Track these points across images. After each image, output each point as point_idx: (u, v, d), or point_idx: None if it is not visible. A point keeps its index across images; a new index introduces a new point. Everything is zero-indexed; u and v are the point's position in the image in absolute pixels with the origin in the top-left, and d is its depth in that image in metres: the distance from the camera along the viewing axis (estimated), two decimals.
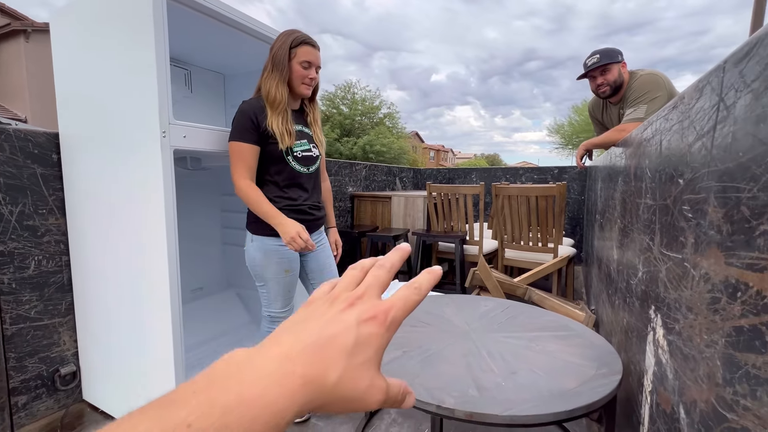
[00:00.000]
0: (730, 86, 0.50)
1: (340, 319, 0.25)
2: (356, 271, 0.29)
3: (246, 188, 1.27)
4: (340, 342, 0.23)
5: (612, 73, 1.89)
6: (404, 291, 0.27)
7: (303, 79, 1.32)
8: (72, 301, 1.54)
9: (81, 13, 1.32)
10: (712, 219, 0.53)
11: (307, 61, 1.31)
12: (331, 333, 0.24)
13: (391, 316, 0.25)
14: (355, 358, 0.23)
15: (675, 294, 0.67)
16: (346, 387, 0.23)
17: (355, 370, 0.23)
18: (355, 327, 0.24)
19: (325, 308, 0.26)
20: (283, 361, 0.22)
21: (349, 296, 0.26)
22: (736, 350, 0.43)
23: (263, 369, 0.21)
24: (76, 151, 1.42)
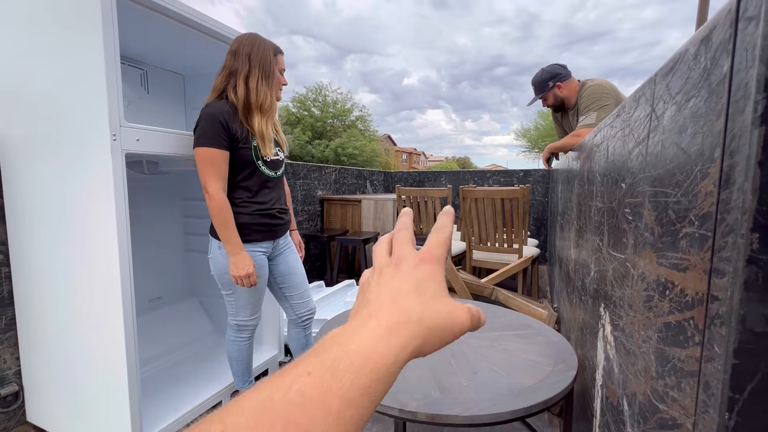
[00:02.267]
0: (660, 97, 0.54)
1: (395, 275, 0.28)
2: (384, 245, 0.33)
3: (220, 204, 1.22)
4: (405, 289, 0.27)
5: (548, 99, 2.15)
6: (433, 235, 0.31)
7: (279, 86, 1.38)
8: (13, 316, 1.42)
9: (23, 7, 1.24)
10: (647, 221, 0.56)
11: (282, 69, 1.38)
12: (394, 287, 0.27)
13: (435, 253, 0.29)
14: (424, 294, 0.27)
15: (620, 292, 0.71)
16: (431, 318, 0.26)
17: (431, 302, 0.26)
18: (410, 273, 0.28)
19: (378, 277, 0.29)
20: (367, 320, 0.25)
21: (392, 260, 0.30)
22: (665, 345, 0.46)
23: (355, 330, 0.24)
24: (16, 153, 1.32)
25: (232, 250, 1.25)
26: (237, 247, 1.25)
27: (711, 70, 0.38)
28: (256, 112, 1.27)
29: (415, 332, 0.25)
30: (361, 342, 0.23)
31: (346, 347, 0.23)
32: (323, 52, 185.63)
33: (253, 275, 1.27)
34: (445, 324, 0.26)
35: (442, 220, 0.33)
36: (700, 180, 0.39)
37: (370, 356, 0.22)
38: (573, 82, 2.05)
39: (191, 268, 2.16)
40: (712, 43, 0.38)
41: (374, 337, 0.23)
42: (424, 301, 0.26)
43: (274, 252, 1.43)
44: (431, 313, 0.26)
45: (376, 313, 0.25)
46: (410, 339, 0.24)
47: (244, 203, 1.30)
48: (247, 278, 1.26)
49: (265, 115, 1.29)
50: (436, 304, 0.26)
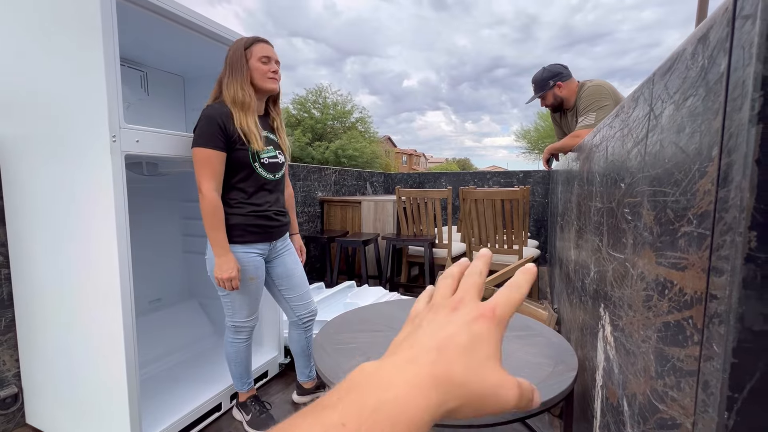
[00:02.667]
0: (658, 97, 0.54)
1: (450, 320, 0.26)
2: (449, 280, 0.31)
3: (212, 204, 1.22)
4: (456, 341, 0.24)
5: (547, 99, 2.14)
6: (505, 290, 0.28)
7: (266, 74, 1.31)
8: (13, 318, 1.42)
9: (23, 8, 1.24)
10: (645, 221, 0.56)
11: (264, 56, 1.31)
12: (445, 334, 0.25)
13: (498, 313, 0.26)
14: (474, 354, 0.24)
15: (619, 292, 0.71)
16: (475, 383, 0.23)
17: (479, 367, 0.24)
18: (466, 326, 0.25)
19: (432, 315, 0.27)
20: (409, 365, 0.23)
21: (450, 301, 0.28)
22: (664, 345, 0.46)
23: (394, 374, 0.23)
24: (16, 155, 1.33)
25: (218, 252, 1.25)
26: (223, 249, 1.25)
27: (708, 69, 0.38)
28: (234, 109, 1.27)
29: (455, 394, 0.23)
30: (400, 391, 0.22)
31: (384, 394, 0.21)
32: (323, 54, 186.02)
33: (236, 279, 1.26)
34: (487, 394, 0.24)
35: (519, 278, 0.29)
36: (699, 179, 0.39)
37: (406, 410, 0.21)
38: (573, 82, 2.06)
39: (191, 270, 2.16)
40: (709, 41, 0.38)
41: (414, 387, 0.22)
42: (474, 363, 0.24)
43: (272, 254, 1.43)
44: (477, 380, 0.24)
45: (420, 359, 0.24)
46: (448, 399, 0.23)
47: (239, 204, 1.30)
48: (229, 282, 1.25)
49: (243, 110, 1.27)
50: (484, 370, 0.24)
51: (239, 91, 1.27)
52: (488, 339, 0.25)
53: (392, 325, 1.32)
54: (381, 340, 1.20)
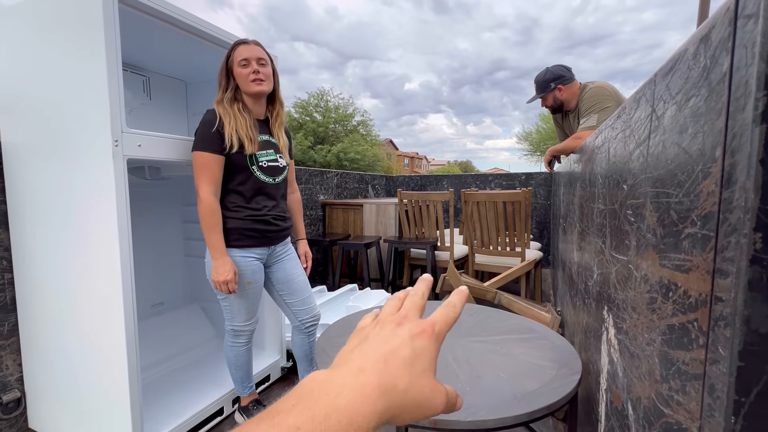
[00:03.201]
0: (660, 98, 0.53)
1: (395, 334, 0.28)
2: (395, 300, 0.34)
3: (209, 207, 1.23)
4: (401, 354, 0.27)
5: (547, 100, 2.14)
6: (442, 309, 0.31)
7: (248, 77, 1.28)
8: (16, 322, 1.43)
9: (26, 15, 1.25)
10: (649, 223, 0.56)
11: (243, 59, 1.28)
12: (391, 347, 0.27)
13: (437, 329, 0.29)
14: (415, 367, 0.27)
15: (623, 294, 0.70)
16: (414, 393, 0.26)
17: (418, 378, 0.27)
18: (410, 340, 0.28)
19: (379, 329, 0.29)
20: (358, 375, 0.25)
21: (396, 317, 0.30)
22: (669, 348, 0.45)
23: (344, 382, 0.25)
24: (20, 160, 1.33)
25: (214, 255, 1.25)
26: (219, 252, 1.25)
27: (711, 69, 0.38)
28: (224, 117, 1.27)
29: (398, 402, 0.25)
30: (350, 398, 0.24)
31: (335, 401, 0.23)
32: (325, 58, 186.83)
33: (232, 282, 1.26)
34: (423, 403, 0.27)
35: (453, 299, 0.33)
36: (702, 180, 0.38)
37: (356, 416, 0.23)
38: (575, 85, 2.05)
39: (193, 274, 2.16)
40: (711, 41, 0.38)
41: (363, 395, 0.24)
42: (414, 374, 0.27)
43: (271, 259, 1.42)
44: (415, 388, 0.26)
45: (369, 369, 0.26)
46: (392, 407, 0.25)
47: (237, 208, 1.30)
48: (225, 285, 1.25)
49: (227, 119, 1.26)
50: (422, 381, 0.27)
51: (221, 103, 1.28)
52: (428, 353, 0.28)
53: None
54: None
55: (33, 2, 1.23)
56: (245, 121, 1.27)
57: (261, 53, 1.30)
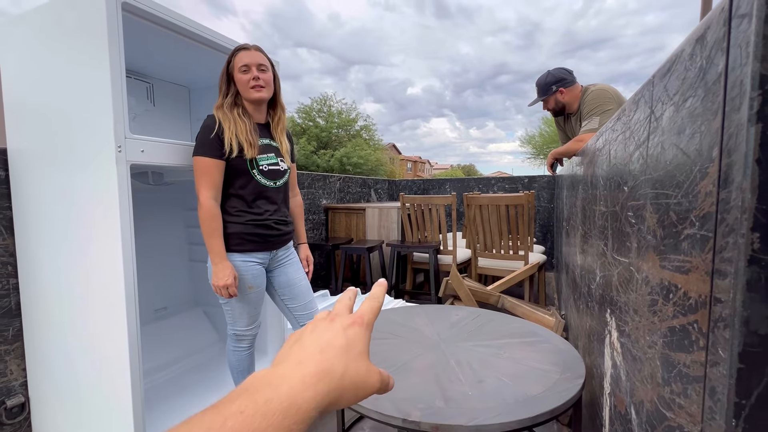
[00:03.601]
0: (658, 99, 0.53)
1: (329, 328, 0.32)
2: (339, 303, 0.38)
3: (209, 212, 1.24)
4: (335, 343, 0.30)
5: (549, 103, 2.15)
6: (367, 302, 0.36)
7: (247, 83, 1.29)
8: (21, 327, 1.44)
9: (32, 23, 1.27)
10: (649, 224, 0.55)
11: (243, 65, 1.29)
12: (326, 339, 0.30)
13: (366, 319, 0.33)
14: (350, 353, 0.30)
15: (624, 297, 0.70)
16: (351, 374, 0.29)
17: (354, 362, 0.30)
18: (342, 331, 0.31)
19: (312, 327, 0.33)
20: (297, 366, 0.28)
21: (327, 316, 0.34)
22: (670, 350, 0.45)
23: (284, 374, 0.27)
24: (25, 167, 1.35)
25: (214, 260, 1.26)
26: (219, 256, 1.26)
27: (707, 69, 0.38)
28: (224, 122, 1.28)
29: (337, 385, 0.28)
30: (291, 384, 0.26)
31: (276, 390, 0.25)
32: (328, 64, 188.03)
33: (233, 287, 1.26)
34: (360, 384, 0.30)
35: (375, 291, 0.38)
36: (700, 180, 0.38)
37: (296, 400, 0.25)
38: (576, 88, 2.05)
39: (196, 278, 2.17)
40: (707, 42, 0.38)
41: (302, 382, 0.26)
42: (349, 358, 0.30)
43: (273, 263, 1.43)
44: (352, 371, 0.29)
45: (306, 360, 0.28)
46: (332, 389, 0.27)
47: (239, 212, 1.31)
48: (225, 289, 1.25)
49: (225, 122, 1.27)
50: (357, 364, 0.30)
51: (220, 109, 1.30)
52: (360, 339, 0.32)
53: (397, 333, 1.31)
54: (386, 348, 1.19)
55: (39, 11, 1.25)
56: (245, 126, 1.27)
57: (261, 59, 1.31)
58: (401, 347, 1.20)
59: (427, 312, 1.54)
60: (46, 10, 1.22)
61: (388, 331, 1.33)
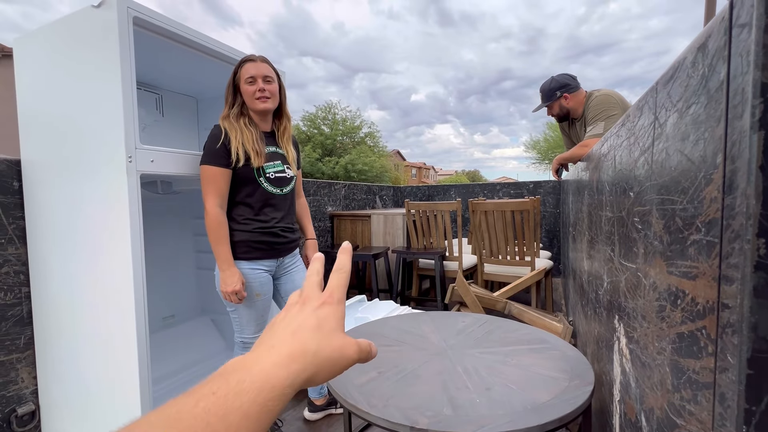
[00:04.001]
0: (662, 105, 0.54)
1: (299, 312, 0.32)
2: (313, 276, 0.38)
3: (216, 219, 1.26)
4: (307, 324, 0.31)
5: (553, 109, 2.15)
6: (334, 275, 0.36)
7: (253, 95, 1.32)
8: (32, 335, 1.46)
9: (46, 38, 1.31)
10: (655, 230, 0.56)
11: (250, 77, 1.31)
12: (298, 323, 0.31)
13: (336, 296, 0.34)
14: (322, 330, 0.30)
15: (632, 303, 0.70)
16: (325, 351, 0.29)
17: (326, 338, 0.30)
18: (313, 312, 0.32)
19: (284, 314, 0.33)
20: (270, 349, 0.28)
21: (298, 300, 0.34)
22: (679, 356, 0.44)
23: (257, 359, 0.27)
24: (38, 177, 1.38)
25: (222, 266, 1.28)
26: (227, 263, 1.28)
27: (709, 77, 0.38)
28: (230, 132, 1.30)
29: (311, 362, 0.28)
30: (264, 366, 0.26)
31: (249, 370, 0.26)
32: (332, 72, 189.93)
33: (241, 292, 1.28)
34: (335, 357, 0.30)
35: (340, 259, 0.37)
36: (705, 186, 0.38)
37: (269, 378, 0.25)
38: (581, 93, 2.06)
39: (203, 286, 2.19)
40: (708, 50, 0.39)
41: (275, 363, 0.27)
42: (323, 335, 0.30)
43: (279, 271, 1.44)
44: (325, 347, 0.30)
45: (279, 344, 0.29)
46: (306, 367, 0.28)
47: (246, 220, 1.32)
48: (234, 295, 1.27)
49: (233, 133, 1.30)
50: (331, 339, 0.30)
51: (226, 119, 1.32)
52: (332, 316, 0.32)
53: (403, 339, 1.31)
54: (393, 355, 1.19)
55: (52, 27, 1.28)
56: (251, 135, 1.29)
57: (267, 70, 1.33)
58: (408, 354, 1.19)
59: (433, 319, 1.54)
60: (59, 25, 1.26)
61: (394, 338, 1.33)
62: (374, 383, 1.01)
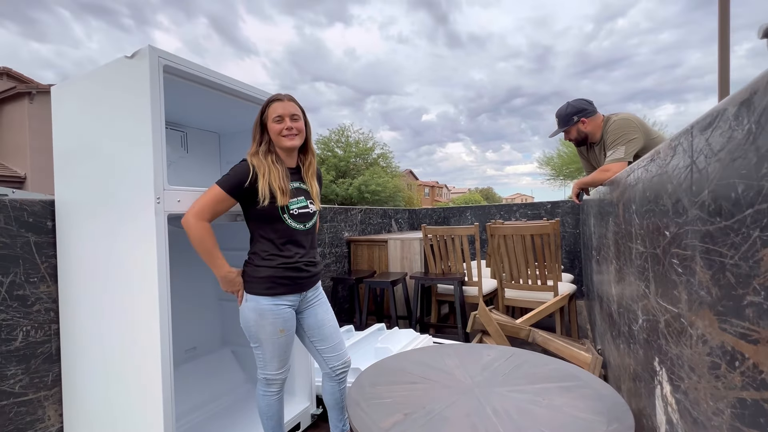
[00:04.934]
0: (700, 151, 0.52)
1: None
2: None
3: (205, 230, 1.25)
4: None
5: (571, 134, 2.13)
6: None
7: (280, 132, 1.35)
8: (59, 372, 1.47)
9: (82, 86, 1.39)
10: (701, 279, 0.53)
11: (277, 115, 1.35)
12: None
13: None
14: None
15: (677, 350, 0.66)
16: None
17: None
18: None
19: None
20: None
21: None
22: (742, 424, 0.41)
23: None
24: (71, 217, 1.43)
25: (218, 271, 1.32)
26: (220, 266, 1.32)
27: (758, 135, 0.37)
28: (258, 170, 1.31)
29: None
30: None
31: None
32: (344, 96, 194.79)
33: (241, 291, 1.35)
34: None
35: None
36: (761, 247, 0.37)
37: None
38: (598, 117, 2.04)
39: (225, 317, 2.19)
40: (754, 107, 0.38)
41: None
42: None
43: (302, 305, 1.43)
44: None
45: None
46: None
47: (270, 256, 1.33)
48: (236, 294, 1.35)
49: (259, 170, 1.31)
50: None
51: (255, 157, 1.34)
52: None
53: (428, 376, 1.27)
54: (418, 393, 1.16)
55: (89, 75, 1.36)
56: (278, 173, 1.31)
57: (294, 108, 1.37)
58: (433, 393, 1.16)
59: (457, 352, 1.50)
60: (95, 75, 1.33)
61: (419, 375, 1.29)
62: (401, 426, 0.98)
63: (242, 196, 1.30)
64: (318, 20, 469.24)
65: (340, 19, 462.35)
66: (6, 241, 1.34)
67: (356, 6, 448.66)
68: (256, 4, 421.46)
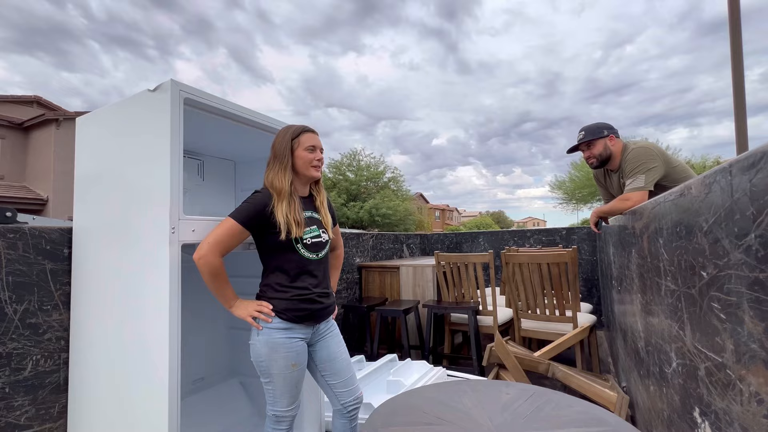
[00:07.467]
0: (743, 192, 0.49)
1: None
2: None
3: (218, 265, 1.22)
4: None
5: (597, 147, 2.03)
6: None
7: (311, 162, 1.38)
8: (66, 404, 1.45)
9: (105, 117, 1.43)
10: (750, 330, 0.49)
11: (311, 145, 1.38)
12: None
13: None
14: None
15: (722, 404, 0.61)
16: None
17: None
18: None
19: None
20: None
21: None
22: None
23: None
24: (87, 244, 1.44)
25: (231, 304, 1.30)
26: (234, 300, 1.30)
27: None
28: (275, 195, 1.31)
29: None
30: None
31: None
32: (356, 121, 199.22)
33: (263, 307, 1.29)
34: None
35: None
36: None
37: None
38: (620, 143, 2.01)
39: (234, 347, 2.16)
40: None
41: None
42: None
43: (315, 337, 1.39)
44: None
45: None
46: None
47: (284, 288, 1.30)
48: (260, 314, 1.29)
49: (280, 197, 1.31)
50: None
51: (277, 178, 1.33)
52: None
53: (444, 416, 1.20)
54: None
55: (112, 107, 1.41)
56: (295, 205, 1.32)
57: (321, 143, 1.43)
58: None
59: (474, 389, 1.42)
60: (117, 107, 1.37)
61: (435, 415, 1.22)
62: None
63: (258, 227, 1.29)
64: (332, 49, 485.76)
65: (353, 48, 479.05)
66: (23, 268, 1.35)
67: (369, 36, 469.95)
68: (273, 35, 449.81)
